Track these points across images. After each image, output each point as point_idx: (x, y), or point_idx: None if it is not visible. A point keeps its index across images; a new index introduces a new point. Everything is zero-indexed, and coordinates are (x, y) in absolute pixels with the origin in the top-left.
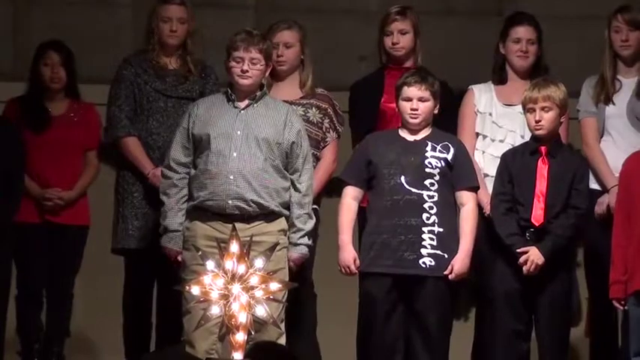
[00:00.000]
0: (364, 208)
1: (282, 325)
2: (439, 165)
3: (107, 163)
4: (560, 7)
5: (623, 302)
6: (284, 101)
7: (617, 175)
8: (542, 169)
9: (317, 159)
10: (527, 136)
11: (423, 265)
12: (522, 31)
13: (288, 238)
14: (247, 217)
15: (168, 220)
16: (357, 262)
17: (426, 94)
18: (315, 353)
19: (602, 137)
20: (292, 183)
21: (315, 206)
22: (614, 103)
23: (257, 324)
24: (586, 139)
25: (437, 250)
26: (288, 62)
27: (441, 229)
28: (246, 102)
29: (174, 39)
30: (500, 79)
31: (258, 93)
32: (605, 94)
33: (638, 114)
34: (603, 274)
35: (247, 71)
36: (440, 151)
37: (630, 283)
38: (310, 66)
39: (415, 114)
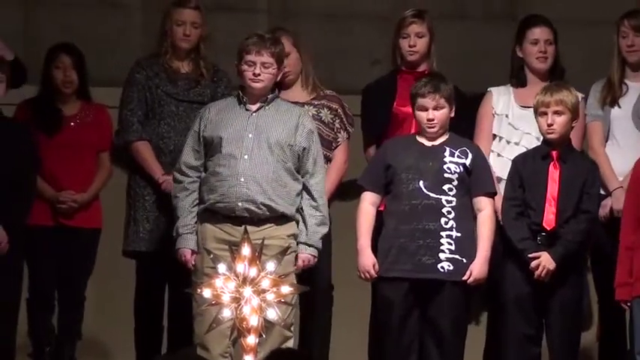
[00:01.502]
0: (381, 212)
1: (292, 329)
2: (458, 170)
3: (119, 165)
4: (569, 11)
5: (629, 304)
6: (295, 102)
7: (621, 178)
8: (554, 173)
9: (328, 159)
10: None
11: (442, 270)
12: (539, 32)
13: (299, 238)
14: (257, 220)
15: (180, 223)
16: (377, 266)
17: (441, 102)
18: None
19: (607, 140)
20: (305, 187)
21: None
22: (619, 106)
23: (264, 326)
24: (591, 143)
25: (455, 254)
26: (292, 70)
27: (459, 234)
28: (258, 105)
29: (187, 43)
30: (519, 83)
31: (270, 96)
32: (611, 97)
33: None
34: (609, 277)
35: (259, 75)
36: (458, 156)
37: (638, 285)
38: (310, 66)
39: (432, 124)
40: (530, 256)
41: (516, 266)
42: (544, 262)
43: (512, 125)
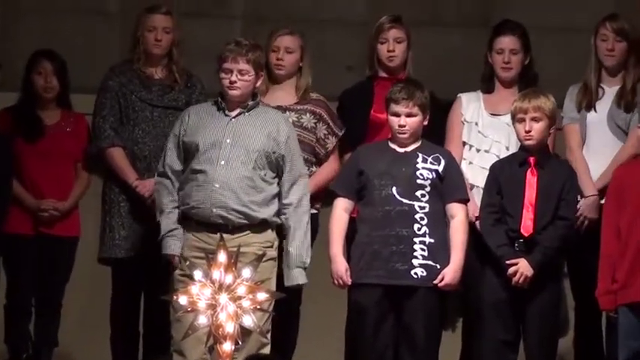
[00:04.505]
0: (353, 219)
1: (268, 336)
2: (430, 176)
3: (95, 172)
4: (545, 18)
5: (615, 314)
6: (278, 106)
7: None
8: (531, 179)
9: (311, 163)
10: (512, 147)
11: (415, 276)
12: (506, 42)
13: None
14: (232, 228)
15: (163, 224)
16: (349, 272)
17: (414, 109)
18: None
19: (583, 144)
20: (282, 195)
21: (314, 210)
22: (595, 110)
23: (241, 333)
24: (569, 145)
25: (428, 260)
26: (287, 67)
27: (431, 240)
28: (238, 110)
29: (158, 48)
30: (487, 89)
31: (251, 102)
32: (587, 101)
33: (617, 121)
34: (586, 283)
35: (235, 82)
36: (431, 162)
37: (623, 293)
38: (309, 74)
39: (403, 130)
40: (507, 262)
41: (493, 272)
42: (522, 268)
43: (481, 133)
